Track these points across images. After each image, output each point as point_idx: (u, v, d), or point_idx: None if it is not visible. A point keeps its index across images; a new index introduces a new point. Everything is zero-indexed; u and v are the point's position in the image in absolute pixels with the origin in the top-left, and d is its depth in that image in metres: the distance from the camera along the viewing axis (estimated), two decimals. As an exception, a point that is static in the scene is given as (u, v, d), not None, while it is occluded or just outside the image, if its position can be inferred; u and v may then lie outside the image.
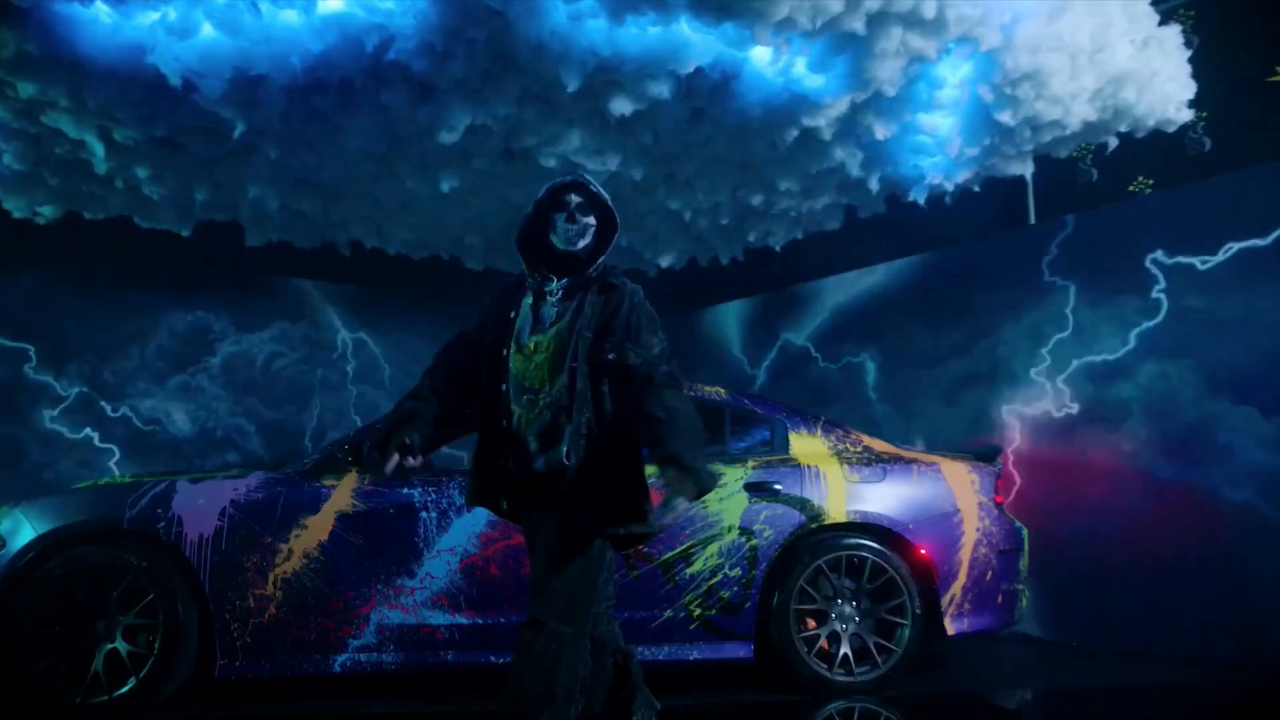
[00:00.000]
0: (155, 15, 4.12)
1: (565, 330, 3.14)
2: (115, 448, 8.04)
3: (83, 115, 4.62)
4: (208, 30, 4.22)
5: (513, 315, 3.24)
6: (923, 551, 5.29)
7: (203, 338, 8.47)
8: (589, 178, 3.35)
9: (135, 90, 4.48)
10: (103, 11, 4.06)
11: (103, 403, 8.02)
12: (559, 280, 3.25)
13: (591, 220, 3.29)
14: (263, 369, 8.69)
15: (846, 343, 8.32)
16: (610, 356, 3.10)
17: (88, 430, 7.95)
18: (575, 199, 3.26)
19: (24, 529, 4.92)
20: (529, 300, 3.25)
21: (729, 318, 9.64)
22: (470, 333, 3.38)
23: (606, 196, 3.34)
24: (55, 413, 7.84)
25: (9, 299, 7.57)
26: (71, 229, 6.77)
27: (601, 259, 3.31)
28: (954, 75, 5.08)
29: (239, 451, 8.48)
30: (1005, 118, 5.27)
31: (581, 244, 3.27)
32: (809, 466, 5.37)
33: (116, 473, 7.92)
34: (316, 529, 4.97)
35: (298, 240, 7.21)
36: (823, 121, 5.01)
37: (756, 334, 9.34)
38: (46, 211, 6.14)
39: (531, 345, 3.15)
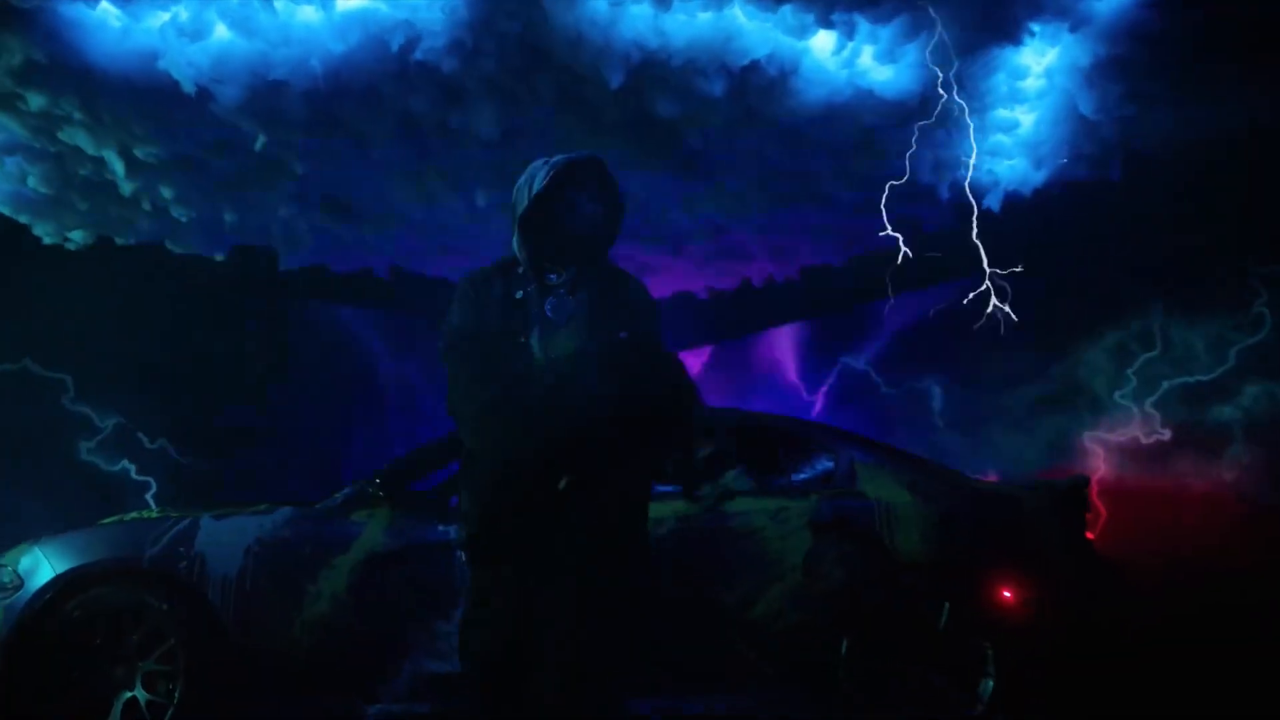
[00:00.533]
0: (165, 16, 3.91)
1: (586, 326, 2.79)
2: (153, 481, 7.90)
3: (99, 130, 4.45)
4: (221, 31, 4.00)
5: (520, 296, 2.86)
6: (1006, 594, 4.81)
7: (241, 368, 8.31)
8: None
9: (150, 101, 4.30)
10: (111, 14, 3.87)
11: (140, 434, 7.88)
12: (566, 269, 2.88)
13: (609, 203, 2.95)
14: (301, 399, 8.50)
15: (910, 366, 7.93)
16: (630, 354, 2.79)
17: (124, 463, 7.82)
18: (596, 177, 2.92)
19: (43, 568, 4.74)
20: (533, 288, 2.87)
21: (784, 341, 9.32)
22: (467, 328, 2.89)
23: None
24: (92, 444, 7.73)
25: (47, 329, 7.47)
26: (104, 255, 6.65)
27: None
28: (1038, 63, 4.66)
29: (275, 483, 8.26)
30: (1093, 112, 4.82)
31: (604, 228, 2.93)
32: (879, 500, 4.95)
33: (153, 507, 7.76)
34: (346, 569, 4.67)
35: (334, 264, 7.01)
36: (889, 120, 4.62)
37: (813, 358, 9.03)
38: (77, 237, 6.05)
39: (546, 341, 2.79)
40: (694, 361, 9.80)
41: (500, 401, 2.77)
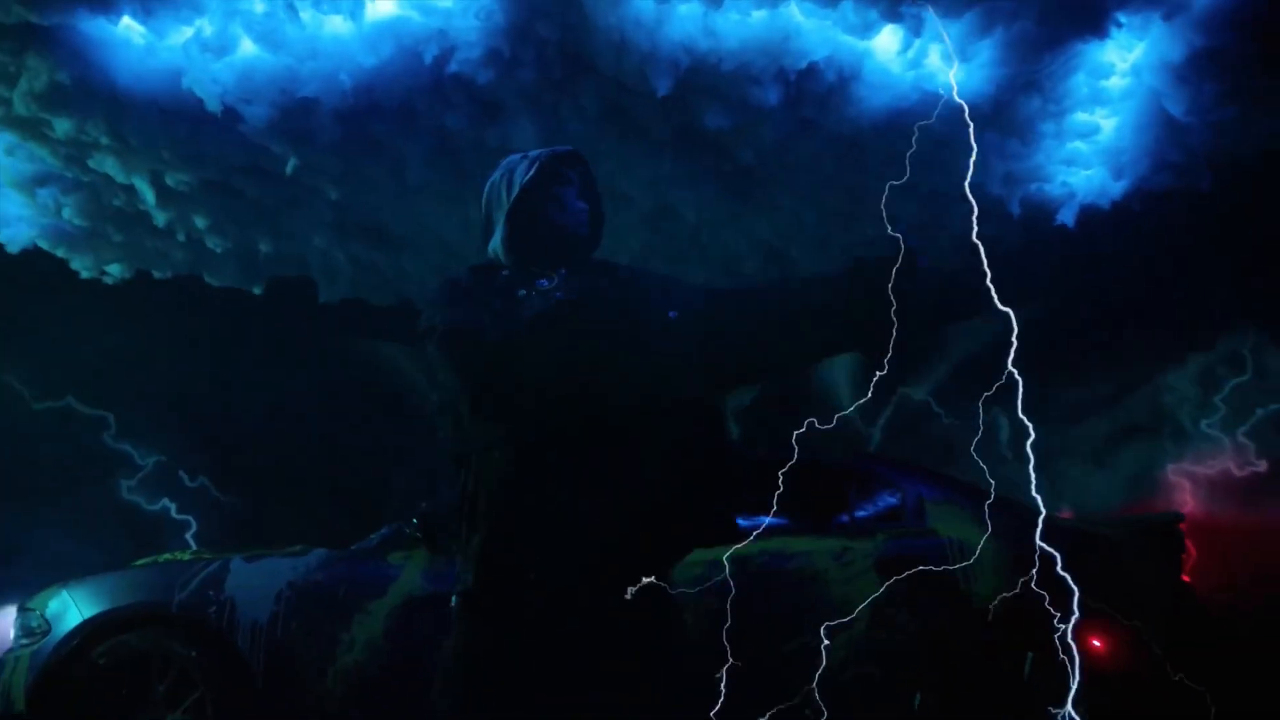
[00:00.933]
0: (189, 31, 3.77)
1: (596, 326, 2.41)
2: (192, 519, 7.78)
3: (128, 155, 4.34)
4: (247, 46, 3.85)
5: (521, 294, 2.51)
6: (1097, 643, 4.41)
7: (281, 405, 8.18)
8: None
9: (177, 123, 4.17)
10: (134, 31, 3.74)
11: (180, 472, 7.79)
12: (556, 272, 2.56)
13: (593, 201, 2.68)
14: (343, 436, 8.33)
15: (974, 395, 7.51)
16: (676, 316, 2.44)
17: (165, 501, 7.72)
18: (579, 173, 2.65)
19: (70, 612, 4.64)
20: (530, 290, 2.49)
21: (839, 369, 8.95)
22: (466, 325, 2.46)
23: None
24: (133, 482, 7.65)
25: (90, 365, 7.43)
26: (143, 290, 6.58)
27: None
28: (1123, 60, 4.29)
29: (316, 522, 8.09)
30: (1183, 114, 4.42)
31: (591, 227, 2.66)
32: (951, 539, 4.60)
33: (191, 546, 7.64)
34: (382, 615, 4.45)
35: (372, 296, 6.83)
36: (957, 127, 4.28)
37: (869, 387, 8.62)
38: (114, 270, 5.98)
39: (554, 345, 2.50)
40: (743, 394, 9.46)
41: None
